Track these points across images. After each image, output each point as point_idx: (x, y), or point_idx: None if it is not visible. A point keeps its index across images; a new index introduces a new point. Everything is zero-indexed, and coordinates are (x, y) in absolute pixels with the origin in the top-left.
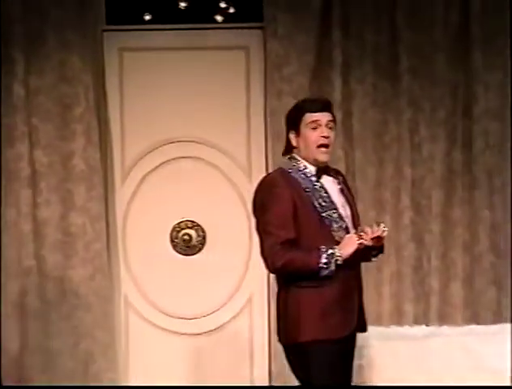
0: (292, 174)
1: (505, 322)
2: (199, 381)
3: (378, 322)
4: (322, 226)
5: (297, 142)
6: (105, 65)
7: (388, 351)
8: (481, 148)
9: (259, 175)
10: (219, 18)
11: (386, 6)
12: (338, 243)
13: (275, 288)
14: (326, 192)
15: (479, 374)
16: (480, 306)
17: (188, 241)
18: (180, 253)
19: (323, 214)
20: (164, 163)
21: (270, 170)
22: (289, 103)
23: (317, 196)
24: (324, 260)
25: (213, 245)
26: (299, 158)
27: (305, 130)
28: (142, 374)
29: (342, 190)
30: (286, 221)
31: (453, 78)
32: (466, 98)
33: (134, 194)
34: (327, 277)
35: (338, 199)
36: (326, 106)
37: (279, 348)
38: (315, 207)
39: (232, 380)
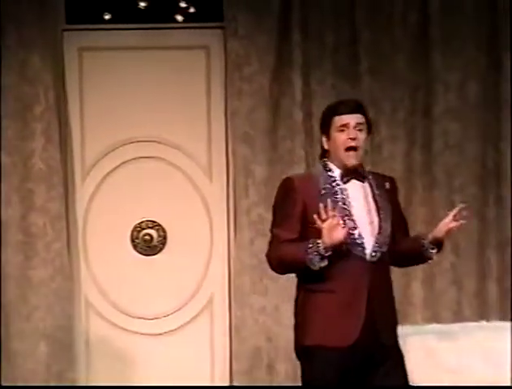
0: (316, 178)
1: (466, 321)
2: (159, 381)
3: None
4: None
5: (328, 145)
6: (65, 64)
7: None
8: (441, 148)
9: (220, 175)
10: (179, 17)
11: (346, 6)
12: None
13: (235, 288)
14: (343, 197)
15: (438, 373)
16: (441, 306)
17: (149, 241)
18: (140, 253)
19: None
20: (124, 163)
21: (231, 170)
22: (250, 103)
23: (334, 201)
24: (309, 249)
25: (174, 246)
26: (329, 161)
27: (333, 133)
28: (102, 375)
29: (374, 197)
30: (290, 223)
31: (412, 78)
32: (425, 98)
33: (95, 193)
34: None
35: (360, 206)
36: (355, 108)
37: (239, 348)
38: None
39: (192, 380)
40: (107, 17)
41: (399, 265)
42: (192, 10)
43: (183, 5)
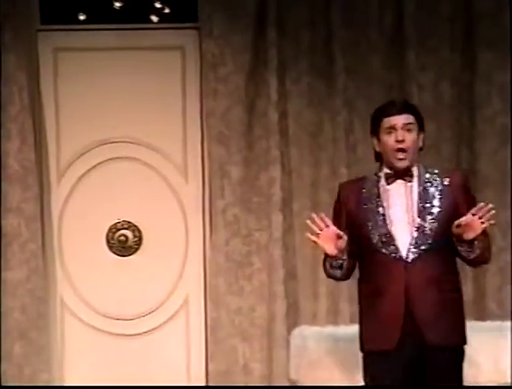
0: (363, 182)
1: None
2: (135, 382)
3: (314, 321)
4: (365, 236)
5: (379, 147)
6: (40, 65)
7: (324, 350)
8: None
9: (195, 175)
10: (154, 18)
11: (321, 6)
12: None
13: (211, 288)
14: (381, 200)
15: None
16: None
17: (124, 241)
18: (116, 254)
19: (367, 223)
20: (99, 163)
21: (207, 171)
22: (225, 103)
23: (373, 202)
24: (325, 261)
25: (149, 246)
26: (383, 164)
27: (382, 135)
28: (77, 375)
29: (420, 196)
30: None
31: (387, 78)
32: (400, 98)
33: (70, 194)
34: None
35: (400, 206)
36: (402, 108)
37: (215, 348)
38: (365, 215)
39: (168, 381)
40: (82, 17)
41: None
42: (167, 10)
43: (158, 5)
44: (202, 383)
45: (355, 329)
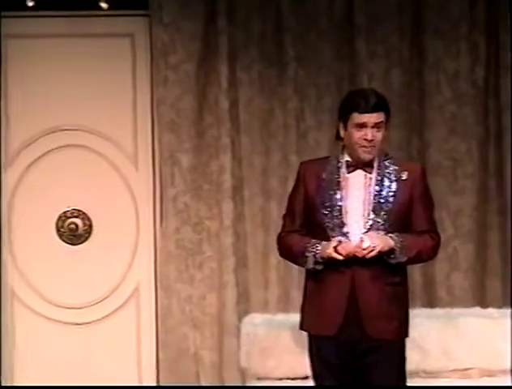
0: (326, 164)
1: None
2: (86, 370)
3: (265, 309)
4: (320, 221)
5: (344, 134)
6: None
7: (274, 338)
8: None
9: (146, 163)
10: (104, 5)
11: None
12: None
13: (161, 276)
14: (340, 188)
15: None
16: None
17: (74, 230)
18: (66, 242)
19: (323, 210)
20: (49, 151)
21: (157, 159)
22: (175, 90)
23: (332, 190)
24: (307, 253)
25: (99, 235)
26: (344, 148)
27: (350, 128)
28: (28, 365)
29: (377, 187)
30: (293, 213)
31: (338, 66)
32: (351, 86)
33: (19, 183)
34: (316, 270)
35: (357, 197)
36: (375, 107)
37: (166, 336)
38: (323, 202)
39: (119, 369)
40: (31, 4)
41: None
42: None
43: None
44: (153, 371)
45: None
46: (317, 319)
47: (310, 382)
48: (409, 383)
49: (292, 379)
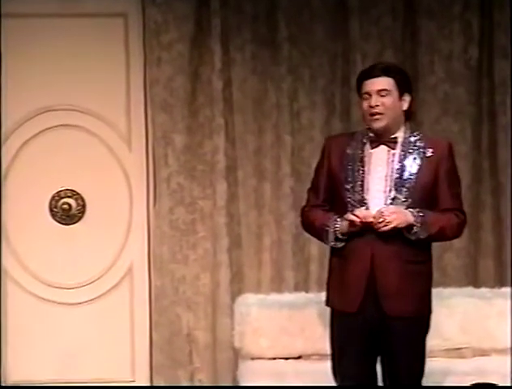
0: (351, 140)
1: None
2: (79, 351)
3: (258, 289)
4: (342, 197)
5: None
6: None
7: (268, 318)
8: (360, 117)
9: (139, 144)
10: None
11: None
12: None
13: (155, 257)
14: (363, 164)
15: None
16: None
17: (67, 210)
18: (59, 222)
19: (346, 186)
20: (42, 131)
21: (150, 139)
22: (168, 70)
23: (355, 165)
24: (327, 228)
25: (93, 215)
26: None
27: (361, 99)
28: (21, 345)
29: (400, 163)
30: (317, 188)
31: (331, 47)
32: (344, 67)
33: (12, 162)
34: (337, 247)
35: (379, 173)
36: (379, 71)
37: (159, 317)
38: (346, 177)
39: (112, 349)
40: None
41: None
42: None
43: None
44: (146, 352)
45: (299, 296)
46: (339, 296)
47: (303, 362)
48: None
49: (286, 359)
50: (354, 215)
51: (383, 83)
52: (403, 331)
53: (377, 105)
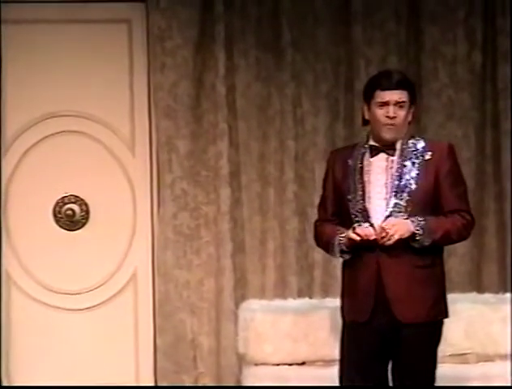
0: (352, 150)
1: None
2: (83, 356)
3: (262, 294)
4: (347, 208)
5: (368, 115)
6: None
7: (272, 324)
8: None
9: (143, 149)
10: None
11: None
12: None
13: (159, 262)
14: (361, 172)
15: None
16: None
17: (71, 216)
18: (63, 228)
19: (348, 196)
20: (46, 137)
21: (154, 145)
22: (172, 76)
23: (355, 175)
24: (333, 241)
25: (96, 220)
26: (370, 132)
27: (373, 107)
28: (25, 351)
29: (399, 171)
30: (325, 202)
31: (335, 52)
32: (348, 72)
33: (16, 168)
34: (345, 258)
35: (379, 181)
36: (397, 84)
37: (163, 322)
38: (348, 188)
39: (116, 355)
40: None
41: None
42: None
43: None
44: (151, 357)
45: (303, 302)
46: (350, 306)
47: (307, 368)
48: None
49: (289, 365)
50: (355, 233)
51: (402, 95)
52: (416, 340)
53: (395, 117)
